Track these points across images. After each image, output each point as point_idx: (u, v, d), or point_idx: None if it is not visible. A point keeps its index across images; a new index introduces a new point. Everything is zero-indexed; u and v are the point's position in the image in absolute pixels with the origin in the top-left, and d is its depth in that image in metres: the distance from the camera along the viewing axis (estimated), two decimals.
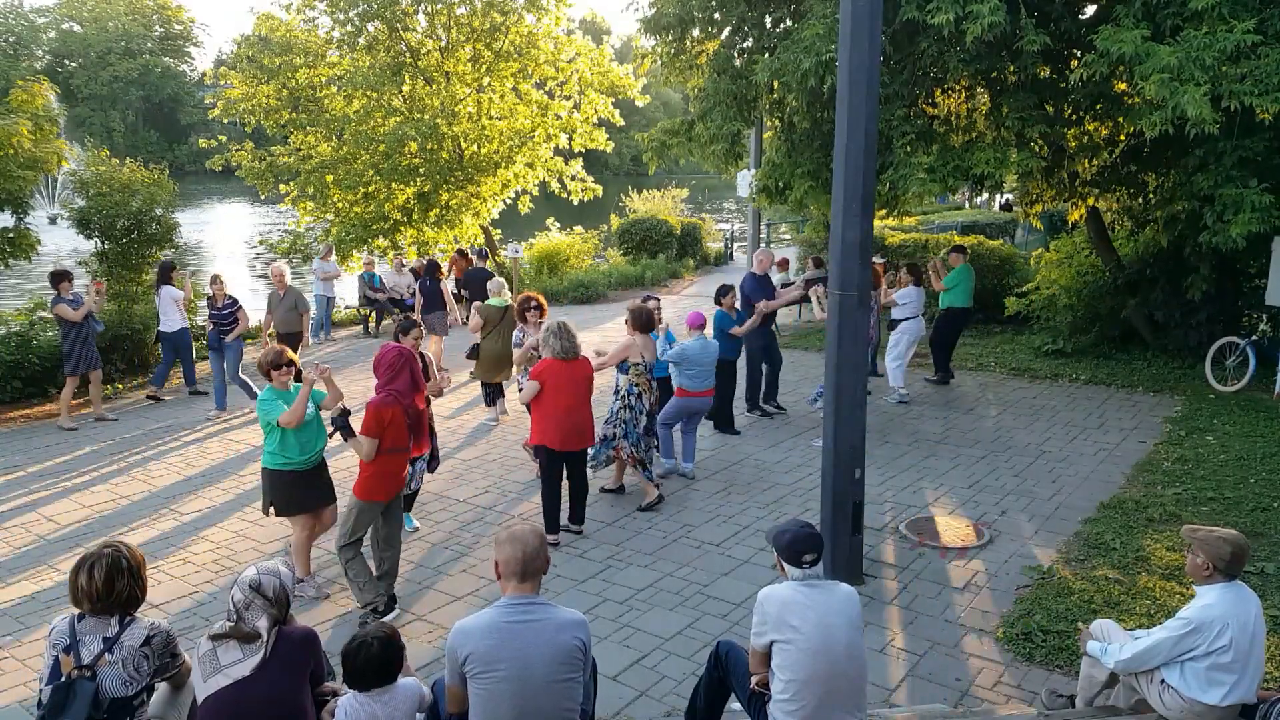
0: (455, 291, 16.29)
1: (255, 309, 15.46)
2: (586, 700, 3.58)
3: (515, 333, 8.62)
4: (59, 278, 9.93)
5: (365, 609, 5.50)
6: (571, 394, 6.61)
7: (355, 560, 5.50)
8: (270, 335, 10.99)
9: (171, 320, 10.97)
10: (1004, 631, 5.31)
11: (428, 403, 6.65)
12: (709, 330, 8.42)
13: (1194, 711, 3.83)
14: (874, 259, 10.39)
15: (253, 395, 10.17)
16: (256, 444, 9.27)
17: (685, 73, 11.68)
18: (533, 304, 8.38)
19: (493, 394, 10.15)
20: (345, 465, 7.88)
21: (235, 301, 10.52)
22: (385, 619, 5.35)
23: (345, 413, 5.57)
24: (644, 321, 7.38)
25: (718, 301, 9.25)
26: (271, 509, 5.92)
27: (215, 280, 10.61)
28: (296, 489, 5.80)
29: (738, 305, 9.40)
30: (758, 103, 10.69)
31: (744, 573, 6.17)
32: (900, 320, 10.52)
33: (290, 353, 5.95)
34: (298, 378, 6.00)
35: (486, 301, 10.00)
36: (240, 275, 25.17)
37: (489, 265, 20.62)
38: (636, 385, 7.32)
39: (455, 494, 7.78)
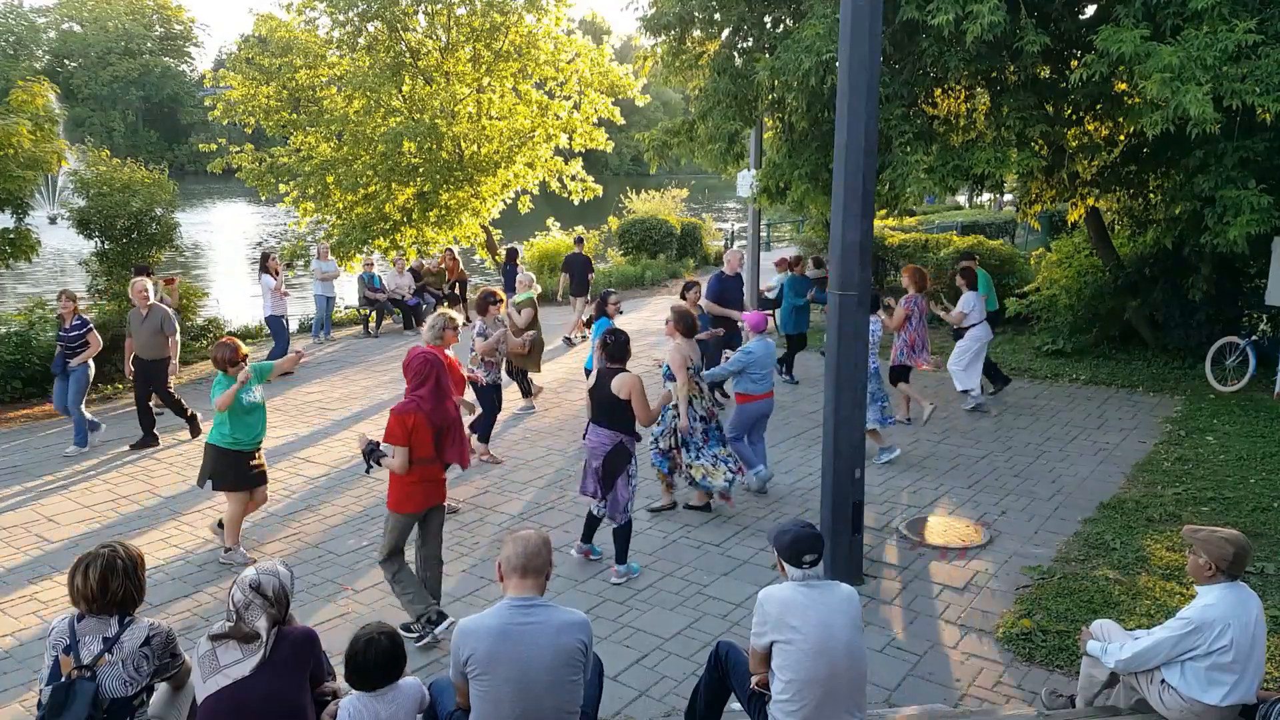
0: (449, 293, 16.43)
1: (254, 318, 15.51)
2: (589, 701, 3.58)
3: (478, 325, 8.40)
4: (140, 272, 10.61)
5: (419, 621, 5.22)
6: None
7: (401, 572, 5.31)
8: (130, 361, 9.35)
9: (267, 306, 11.84)
10: (1004, 631, 5.30)
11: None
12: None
13: (1194, 711, 3.83)
14: (969, 261, 10.19)
15: (93, 428, 9.31)
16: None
17: (685, 72, 11.69)
18: (493, 299, 8.46)
19: (528, 384, 10.51)
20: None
21: (85, 322, 9.15)
22: (439, 629, 5.17)
23: (374, 445, 5.23)
24: (689, 325, 7.03)
25: (682, 297, 9.30)
26: (209, 483, 6.36)
27: (63, 296, 9.24)
28: (237, 468, 6.27)
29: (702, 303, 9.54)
30: (758, 103, 10.69)
31: (744, 573, 6.17)
32: (968, 327, 9.85)
33: (242, 348, 6.44)
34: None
35: (522, 295, 10.21)
36: (242, 278, 25.12)
37: (489, 265, 20.60)
38: (691, 393, 6.95)
39: (454, 494, 7.77)
